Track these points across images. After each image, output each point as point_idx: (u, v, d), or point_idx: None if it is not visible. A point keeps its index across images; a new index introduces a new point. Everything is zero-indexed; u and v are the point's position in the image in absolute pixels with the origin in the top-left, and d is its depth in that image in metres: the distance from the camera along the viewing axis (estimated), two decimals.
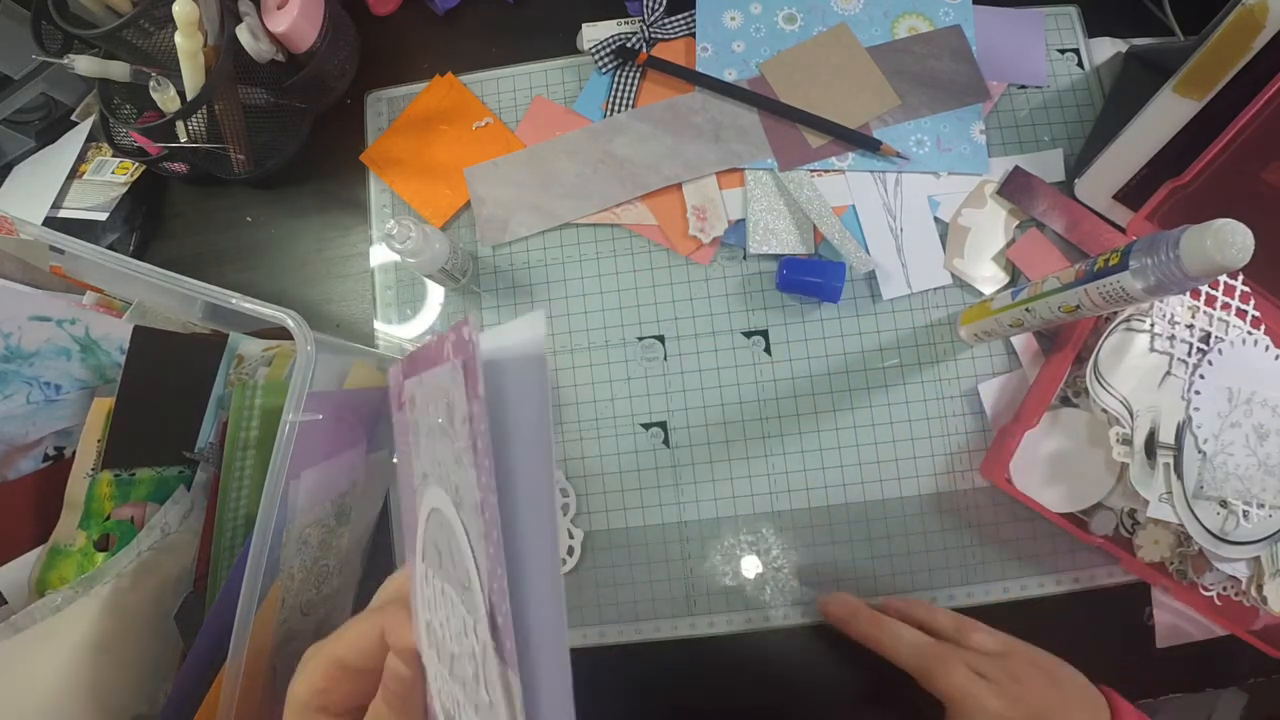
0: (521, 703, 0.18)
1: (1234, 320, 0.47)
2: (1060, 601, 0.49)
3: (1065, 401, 0.48)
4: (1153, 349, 0.46)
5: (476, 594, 0.19)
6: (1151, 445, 0.44)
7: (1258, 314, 0.47)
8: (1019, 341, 0.51)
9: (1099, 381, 0.45)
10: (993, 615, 0.49)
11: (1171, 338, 0.46)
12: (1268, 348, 0.47)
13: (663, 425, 0.52)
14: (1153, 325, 0.46)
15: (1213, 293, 0.47)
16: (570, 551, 0.51)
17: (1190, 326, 0.46)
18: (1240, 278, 0.47)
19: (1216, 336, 0.46)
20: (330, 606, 0.45)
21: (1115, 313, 0.48)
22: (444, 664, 0.21)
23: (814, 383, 0.52)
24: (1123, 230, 0.50)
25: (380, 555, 0.52)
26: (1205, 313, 0.46)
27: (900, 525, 0.50)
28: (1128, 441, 0.45)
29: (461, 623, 0.20)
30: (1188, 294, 0.47)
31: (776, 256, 0.53)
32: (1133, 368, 0.46)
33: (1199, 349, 0.46)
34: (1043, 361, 0.50)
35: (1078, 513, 0.47)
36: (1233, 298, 0.47)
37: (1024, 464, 0.47)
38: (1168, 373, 0.46)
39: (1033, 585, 0.49)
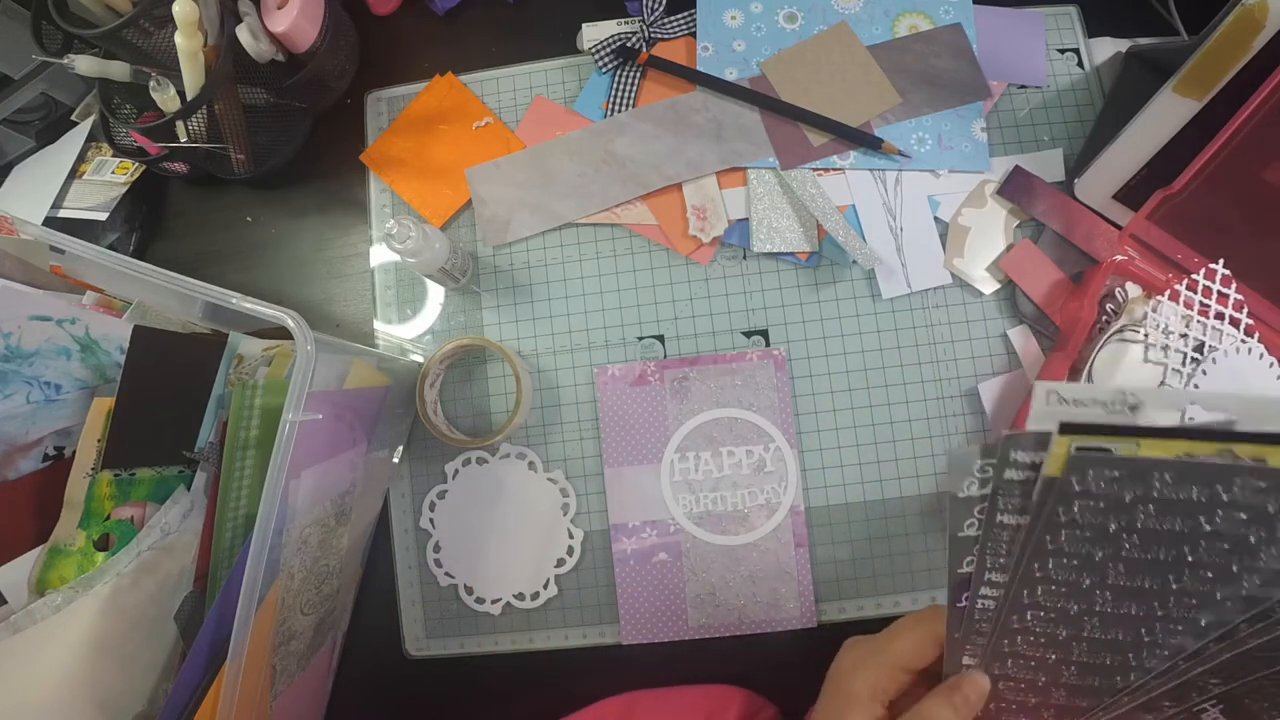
0: None
1: (1228, 329, 0.46)
2: None
3: None
4: (1147, 359, 0.46)
5: None
6: None
7: (1251, 322, 0.47)
8: (1019, 341, 0.51)
9: None
10: None
11: (1165, 348, 0.46)
12: (1262, 356, 0.46)
13: None
14: (1146, 336, 0.46)
15: (1206, 302, 0.47)
16: (570, 551, 0.51)
17: (1184, 336, 0.46)
18: (1234, 285, 0.47)
19: (1210, 346, 0.46)
20: (330, 606, 0.45)
21: (1108, 323, 0.47)
22: None
23: (814, 383, 0.52)
24: (1120, 229, 0.50)
25: (380, 555, 0.52)
26: (1199, 322, 0.46)
27: (900, 525, 0.50)
28: None
29: None
30: (1181, 303, 0.47)
31: (778, 255, 0.53)
32: (1127, 379, 0.45)
33: (1193, 358, 0.46)
34: (1042, 362, 0.50)
35: None
36: (1226, 306, 0.47)
37: None
38: (1162, 383, 0.45)
39: None
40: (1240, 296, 0.47)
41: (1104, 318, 0.48)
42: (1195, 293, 0.47)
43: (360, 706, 0.52)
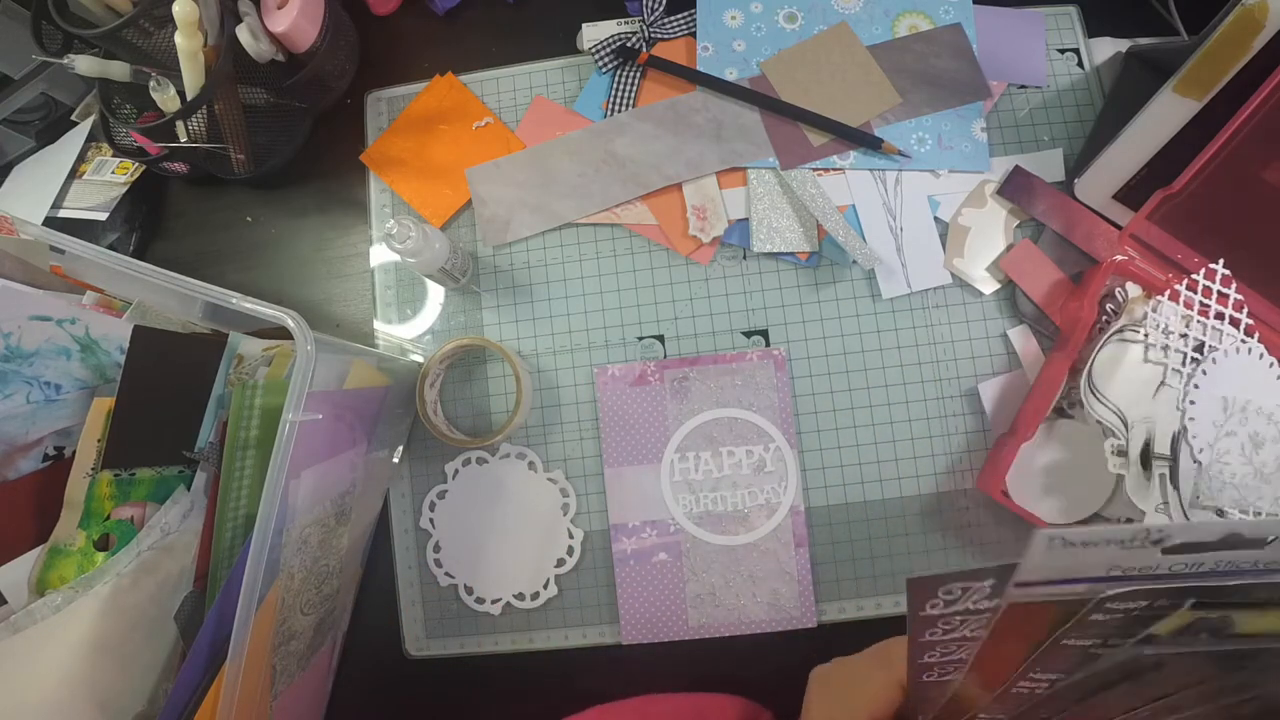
0: None
1: (1228, 329, 0.46)
2: None
3: (1060, 413, 0.48)
4: (1147, 359, 0.45)
5: None
6: (1147, 456, 0.44)
7: (1250, 322, 0.47)
8: (1019, 341, 0.51)
9: (1093, 393, 0.45)
10: None
11: (1165, 348, 0.45)
12: (1262, 355, 0.46)
13: None
14: (1146, 335, 0.46)
15: (1205, 302, 0.46)
16: (570, 551, 0.51)
17: (1184, 336, 0.46)
18: (1234, 285, 0.47)
19: (1210, 346, 0.46)
20: (330, 606, 0.45)
21: (1108, 323, 0.47)
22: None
23: (814, 383, 0.52)
24: (1120, 229, 0.50)
25: (380, 555, 0.52)
26: (1199, 322, 0.46)
27: (900, 525, 0.50)
28: (1123, 453, 0.44)
29: None
30: (1181, 303, 0.46)
31: (778, 255, 0.53)
32: (1127, 379, 0.45)
33: (1193, 358, 0.46)
34: (1042, 362, 0.50)
35: (1075, 524, 0.47)
36: (1226, 306, 0.47)
37: (1020, 476, 0.47)
38: (1162, 383, 0.45)
39: None
40: (1240, 296, 0.47)
41: (1104, 318, 0.48)
42: (1195, 293, 0.47)
43: (360, 706, 0.52)
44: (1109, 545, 0.18)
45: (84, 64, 0.49)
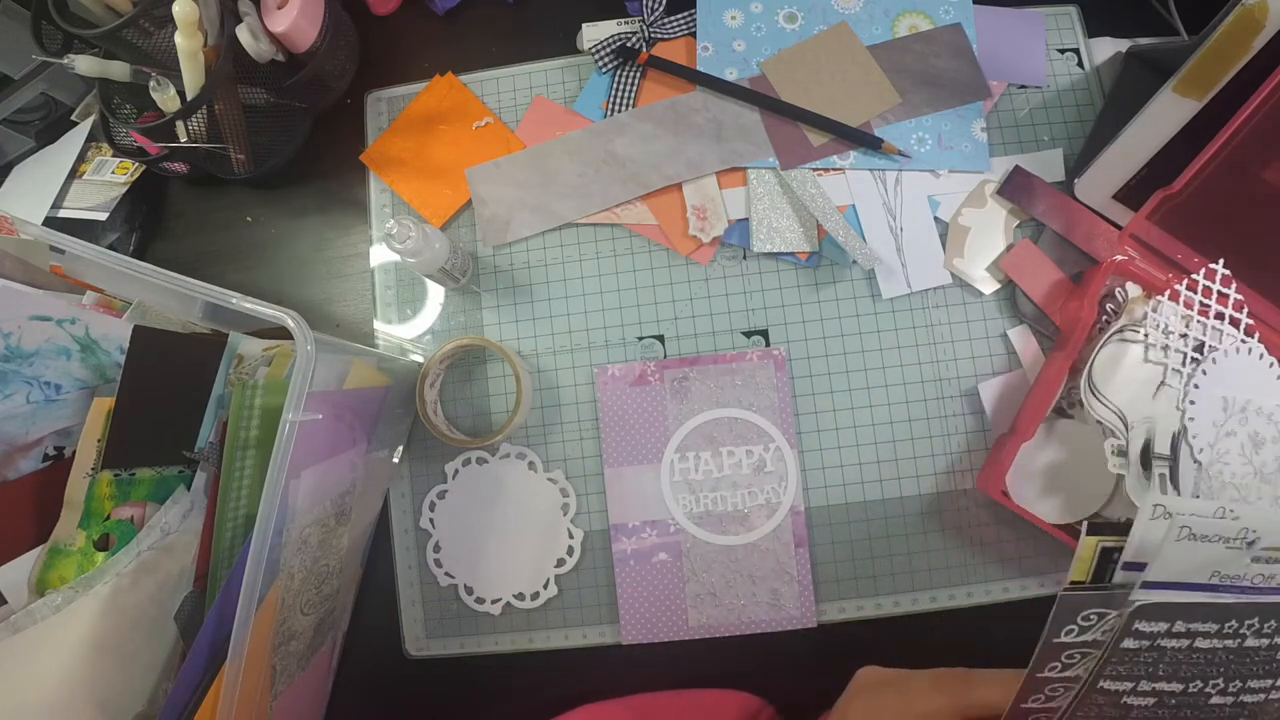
0: None
1: (1228, 329, 0.46)
2: None
3: (1060, 413, 0.48)
4: (1147, 359, 0.45)
5: None
6: (1147, 456, 0.44)
7: (1251, 322, 0.47)
8: (1019, 341, 0.51)
9: (1093, 393, 0.45)
10: (992, 615, 0.49)
11: (1165, 348, 0.45)
12: (1262, 356, 0.46)
13: None
14: (1146, 336, 0.46)
15: (1206, 302, 0.46)
16: (570, 551, 0.51)
17: (1184, 336, 0.46)
18: (1234, 285, 0.47)
19: (1210, 346, 0.46)
20: (330, 606, 0.45)
21: (1108, 323, 0.47)
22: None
23: (814, 383, 0.52)
24: (1120, 229, 0.50)
25: (380, 555, 0.52)
26: (1199, 322, 0.46)
27: (900, 525, 0.50)
28: (1123, 453, 0.44)
29: None
30: (1181, 303, 0.46)
31: (778, 255, 0.53)
32: (1127, 379, 0.45)
33: (1193, 358, 0.45)
34: (1042, 362, 0.50)
35: (1075, 524, 0.47)
36: (1226, 306, 0.47)
37: (1021, 475, 0.47)
38: (1162, 383, 0.45)
39: (1033, 585, 0.49)
40: (1240, 296, 0.47)
41: (1104, 318, 0.48)
42: (1195, 293, 0.47)
43: (360, 706, 0.52)
44: (1218, 542, 0.19)
45: (84, 64, 0.49)
